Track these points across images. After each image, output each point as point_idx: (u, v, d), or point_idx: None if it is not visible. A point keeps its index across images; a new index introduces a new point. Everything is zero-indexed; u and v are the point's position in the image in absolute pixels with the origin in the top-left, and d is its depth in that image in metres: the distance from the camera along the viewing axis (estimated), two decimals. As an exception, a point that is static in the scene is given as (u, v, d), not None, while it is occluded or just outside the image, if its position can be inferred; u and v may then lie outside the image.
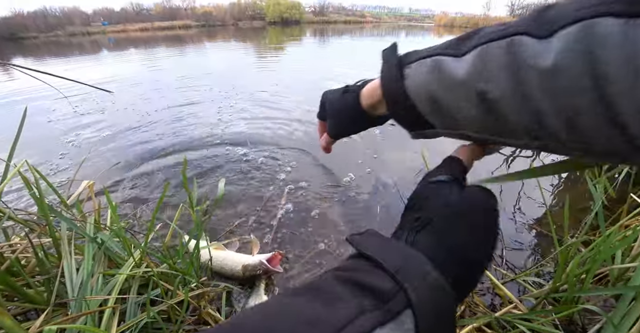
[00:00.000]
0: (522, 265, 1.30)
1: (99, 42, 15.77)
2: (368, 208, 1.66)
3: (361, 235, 0.29)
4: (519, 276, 1.12)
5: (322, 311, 0.19)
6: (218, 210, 1.63)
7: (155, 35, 19.62)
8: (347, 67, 5.95)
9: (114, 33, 25.53)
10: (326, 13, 45.69)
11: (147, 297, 0.79)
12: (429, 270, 0.23)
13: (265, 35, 16.65)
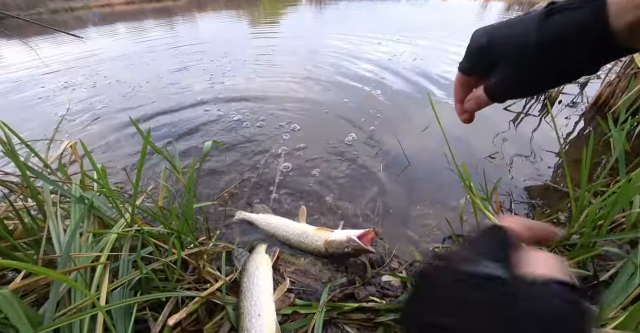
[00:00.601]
0: (532, 217, 1.26)
1: (84, 18, 14.95)
2: (369, 167, 1.59)
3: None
4: (530, 227, 1.06)
5: None
6: (217, 172, 1.58)
7: (142, 8, 18.54)
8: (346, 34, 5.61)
9: (98, 8, 24.16)
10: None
11: (138, 254, 0.74)
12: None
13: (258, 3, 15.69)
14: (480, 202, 1.02)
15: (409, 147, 1.75)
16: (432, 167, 1.58)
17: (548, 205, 1.34)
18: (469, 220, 1.21)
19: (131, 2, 25.80)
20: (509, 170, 1.54)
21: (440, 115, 2.19)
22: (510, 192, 1.37)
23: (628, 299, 0.74)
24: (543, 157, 1.68)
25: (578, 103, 2.41)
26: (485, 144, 1.79)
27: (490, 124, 2.03)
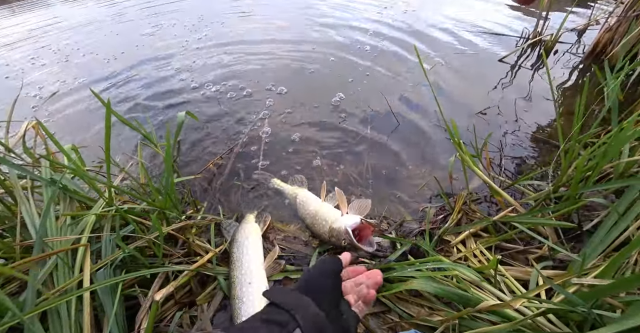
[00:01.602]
0: (520, 171, 1.25)
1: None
2: (358, 128, 1.54)
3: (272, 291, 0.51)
4: (518, 181, 1.06)
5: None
6: (200, 143, 1.52)
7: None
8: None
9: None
10: None
11: (117, 235, 0.72)
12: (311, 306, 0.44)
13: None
14: (470, 159, 1.00)
15: (399, 106, 1.68)
16: (422, 126, 1.53)
17: (538, 159, 1.33)
18: (459, 178, 1.20)
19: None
20: (501, 126, 1.51)
21: (433, 70, 2.09)
22: (500, 147, 1.35)
23: (610, 247, 0.76)
24: (536, 111, 1.64)
25: (575, 52, 2.30)
26: (478, 99, 1.72)
27: (484, 77, 1.94)
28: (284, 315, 0.40)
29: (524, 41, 2.39)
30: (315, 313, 0.42)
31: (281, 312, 0.40)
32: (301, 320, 0.39)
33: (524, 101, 1.70)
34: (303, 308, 0.41)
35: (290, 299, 0.43)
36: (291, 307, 0.40)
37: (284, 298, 0.43)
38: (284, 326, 0.38)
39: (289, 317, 0.39)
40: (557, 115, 1.06)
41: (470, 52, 2.28)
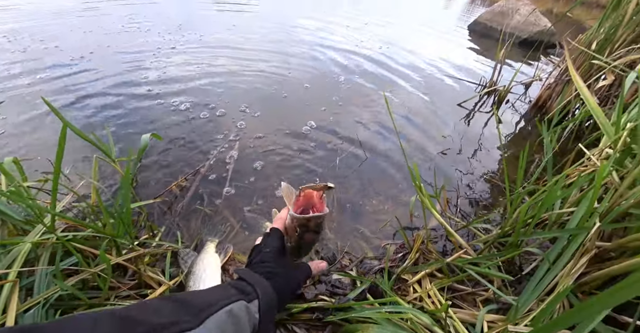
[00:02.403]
0: (474, 213, 1.36)
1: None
2: (327, 159, 1.58)
3: (241, 270, 0.58)
4: (470, 223, 1.15)
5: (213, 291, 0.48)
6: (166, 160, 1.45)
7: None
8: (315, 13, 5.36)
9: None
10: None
11: (57, 267, 0.65)
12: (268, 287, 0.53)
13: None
14: (429, 201, 1.07)
15: (368, 139, 1.77)
16: (388, 160, 1.61)
17: (490, 200, 1.46)
18: (419, 216, 1.27)
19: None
20: (459, 166, 1.64)
21: (400, 107, 2.23)
22: (457, 187, 1.46)
23: (544, 292, 0.85)
24: (490, 154, 1.81)
25: (523, 102, 2.62)
26: (439, 139, 1.87)
27: (445, 118, 2.12)
28: (248, 287, 0.49)
29: (481, 88, 2.69)
30: (270, 292, 0.51)
31: (246, 285, 0.49)
32: (261, 294, 0.48)
33: (479, 144, 1.88)
34: (263, 287, 0.51)
35: (255, 278, 0.52)
36: (254, 282, 0.50)
37: (250, 276, 0.53)
38: (247, 294, 0.47)
39: (252, 289, 0.48)
40: (504, 164, 1.19)
41: (435, 93, 2.49)
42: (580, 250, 0.87)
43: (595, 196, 0.89)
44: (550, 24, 4.71)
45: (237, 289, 0.48)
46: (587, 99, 1.34)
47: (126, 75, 2.28)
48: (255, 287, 0.49)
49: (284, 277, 0.58)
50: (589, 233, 0.87)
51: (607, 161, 1.03)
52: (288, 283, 0.59)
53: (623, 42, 2.09)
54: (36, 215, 0.79)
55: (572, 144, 1.99)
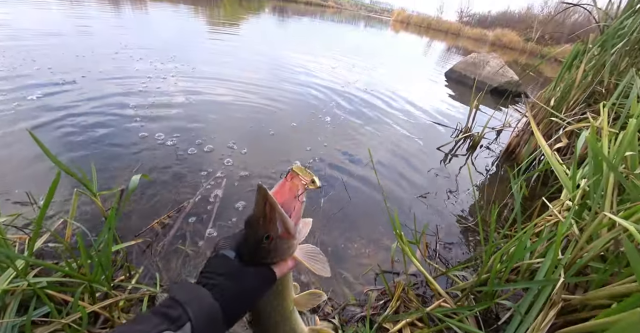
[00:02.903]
0: (453, 258, 1.41)
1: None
2: (311, 200, 1.61)
3: (174, 285, 0.44)
4: (449, 270, 1.20)
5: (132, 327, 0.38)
6: (148, 196, 1.42)
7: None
8: (305, 54, 5.73)
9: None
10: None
11: (28, 319, 0.62)
12: (206, 298, 0.42)
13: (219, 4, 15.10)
14: (409, 249, 1.11)
15: (352, 181, 1.83)
16: (371, 203, 1.67)
17: (468, 245, 1.53)
18: (400, 260, 1.31)
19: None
20: (438, 210, 1.72)
21: (382, 149, 2.35)
22: (437, 232, 1.53)
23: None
24: (467, 197, 1.92)
25: (496, 146, 2.84)
26: (419, 181, 1.98)
27: (425, 162, 2.26)
28: (177, 309, 0.40)
29: (457, 133, 2.91)
30: (210, 304, 0.42)
31: (174, 308, 0.40)
32: (192, 314, 0.40)
33: (457, 188, 2.00)
34: (198, 300, 0.41)
35: (187, 294, 0.42)
36: (185, 300, 0.41)
37: (182, 291, 0.42)
38: (173, 321, 0.39)
39: (181, 311, 0.40)
40: (478, 212, 1.27)
41: (415, 136, 2.67)
42: (549, 303, 0.93)
43: (557, 250, 0.97)
44: (516, 76, 5.29)
45: (162, 316, 0.39)
46: (548, 156, 1.49)
47: (114, 104, 2.29)
48: (185, 306, 0.40)
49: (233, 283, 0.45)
50: (556, 287, 0.93)
51: (567, 215, 1.13)
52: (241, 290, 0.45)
53: (576, 101, 2.38)
54: (8, 259, 0.76)
55: (539, 189, 2.16)
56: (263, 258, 0.47)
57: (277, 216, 0.45)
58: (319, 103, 3.03)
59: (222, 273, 0.46)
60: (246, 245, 0.48)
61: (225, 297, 0.43)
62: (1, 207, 1.24)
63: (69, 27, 4.62)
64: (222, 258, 0.48)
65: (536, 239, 1.34)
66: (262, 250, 0.47)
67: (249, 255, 0.47)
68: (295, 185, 0.50)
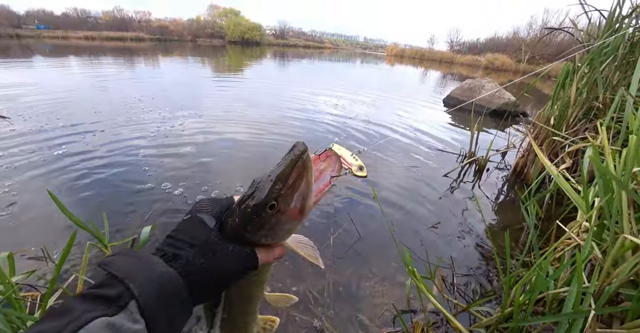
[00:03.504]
0: (471, 291, 1.33)
1: (32, 47, 13.90)
2: (319, 238, 1.59)
3: (113, 256, 0.33)
4: (470, 306, 1.13)
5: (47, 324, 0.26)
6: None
7: (102, 45, 18.16)
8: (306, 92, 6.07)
9: (52, 39, 22.98)
10: (287, 37, 47.15)
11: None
12: (156, 267, 0.31)
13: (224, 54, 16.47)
14: (424, 285, 1.06)
15: (360, 217, 1.81)
16: (381, 239, 1.63)
17: (485, 275, 1.45)
18: (416, 297, 1.24)
19: (91, 38, 25.25)
20: (450, 240, 1.67)
21: (388, 180, 2.35)
22: (452, 264, 1.46)
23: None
24: (479, 224, 1.86)
25: (503, 169, 2.81)
26: (429, 211, 1.94)
27: (433, 190, 2.24)
28: (116, 286, 0.29)
29: (462, 158, 2.91)
30: (161, 273, 0.31)
31: (113, 283, 0.29)
32: (137, 289, 0.29)
33: (467, 215, 1.95)
34: (145, 271, 0.30)
35: (129, 264, 0.31)
36: (126, 274, 0.30)
37: (121, 264, 0.31)
38: (113, 301, 0.28)
39: (121, 289, 0.29)
40: (491, 239, 1.23)
41: (420, 165, 2.68)
42: (583, 339, 0.85)
43: (581, 276, 0.92)
44: (513, 97, 5.41)
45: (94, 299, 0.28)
46: (555, 177, 1.48)
47: (125, 154, 2.44)
48: (126, 281, 0.29)
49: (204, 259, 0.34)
50: (588, 320, 0.86)
51: (587, 237, 1.08)
52: (213, 268, 0.34)
53: (575, 118, 2.40)
54: (19, 320, 0.77)
55: (555, 209, 2.08)
56: (251, 233, 0.36)
57: (302, 184, 0.35)
58: (322, 138, 3.13)
59: (194, 244, 0.35)
60: (237, 210, 0.36)
61: (189, 269, 0.33)
62: (16, 263, 1.27)
63: (89, 85, 5.09)
64: (198, 224, 0.37)
65: (558, 265, 1.27)
66: (257, 221, 0.35)
67: (234, 226, 0.36)
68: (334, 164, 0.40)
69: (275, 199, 0.34)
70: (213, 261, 0.34)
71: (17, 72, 6.41)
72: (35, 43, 17.56)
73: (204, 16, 38.06)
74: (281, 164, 0.35)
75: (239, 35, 36.70)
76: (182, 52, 15.72)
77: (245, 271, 0.37)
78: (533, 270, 1.11)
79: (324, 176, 0.40)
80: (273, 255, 0.39)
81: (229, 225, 0.36)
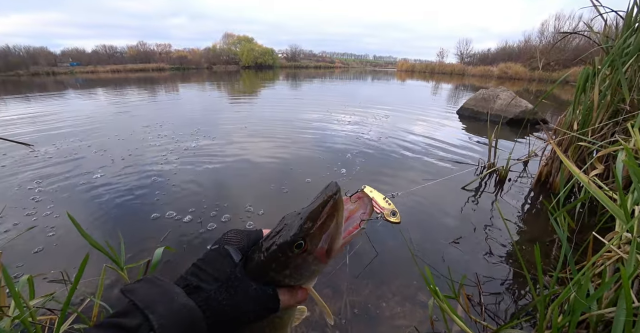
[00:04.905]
0: (501, 310, 1.22)
1: (65, 82, 15.23)
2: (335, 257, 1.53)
3: (137, 282, 0.33)
4: (501, 328, 1.02)
5: None
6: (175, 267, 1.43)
7: (127, 77, 19.56)
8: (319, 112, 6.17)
9: (82, 74, 25.08)
10: (298, 59, 49.04)
11: None
12: (177, 299, 0.31)
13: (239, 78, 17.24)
14: (447, 306, 0.98)
15: (376, 233, 1.74)
16: (399, 256, 1.55)
17: (515, 292, 1.33)
18: (439, 319, 1.15)
19: (117, 71, 27.32)
20: (474, 255, 1.56)
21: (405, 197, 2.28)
22: (477, 282, 1.36)
23: None
24: (504, 238, 1.74)
25: (525, 178, 2.67)
26: (449, 225, 1.85)
27: (452, 203, 2.14)
28: (135, 316, 0.29)
29: (481, 170, 2.80)
30: (181, 305, 0.31)
31: (133, 312, 0.30)
32: (156, 320, 0.29)
33: (490, 229, 1.83)
34: (166, 303, 0.30)
35: (151, 294, 0.31)
36: (148, 304, 0.30)
37: (144, 293, 0.31)
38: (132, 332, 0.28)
39: (141, 320, 0.29)
40: (519, 255, 1.14)
41: (437, 179, 2.60)
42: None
43: (629, 295, 0.82)
44: (530, 105, 5.25)
45: (112, 328, 0.29)
46: (586, 185, 1.37)
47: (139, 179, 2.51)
48: (146, 311, 0.29)
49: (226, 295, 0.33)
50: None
51: (631, 250, 0.98)
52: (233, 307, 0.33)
53: (601, 122, 2.27)
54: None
55: (588, 219, 1.93)
56: (275, 271, 0.35)
57: (332, 225, 0.34)
58: (334, 157, 3.11)
59: (218, 278, 0.34)
60: (263, 247, 0.36)
61: (210, 304, 0.32)
62: (37, 286, 1.29)
63: (113, 114, 5.41)
64: (225, 258, 0.36)
65: (599, 281, 1.15)
66: (282, 260, 0.34)
67: (259, 263, 0.35)
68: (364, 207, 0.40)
69: (303, 238, 0.33)
70: (234, 299, 0.34)
71: (50, 102, 6.96)
72: (69, 78, 19.17)
73: (219, 45, 40.42)
74: (313, 202, 0.34)
75: (253, 60, 38.53)
76: (199, 79, 16.60)
77: (266, 313, 0.36)
78: (570, 287, 1.01)
79: (353, 218, 0.39)
80: (296, 298, 0.38)
81: (254, 262, 0.35)
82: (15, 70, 24.03)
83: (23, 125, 4.52)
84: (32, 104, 6.96)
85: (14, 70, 23.86)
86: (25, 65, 25.28)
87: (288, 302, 0.37)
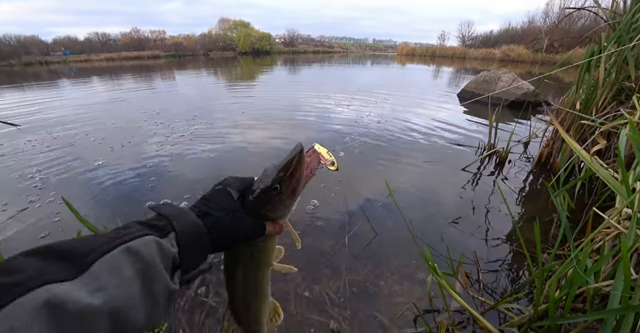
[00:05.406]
0: (499, 287, 1.23)
1: (59, 72, 14.90)
2: (334, 238, 1.54)
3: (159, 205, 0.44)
4: (499, 303, 1.03)
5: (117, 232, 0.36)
6: None
7: (121, 65, 19.13)
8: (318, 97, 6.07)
9: (76, 63, 24.53)
10: (296, 44, 47.78)
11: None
12: (190, 216, 0.42)
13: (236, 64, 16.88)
14: (446, 282, 0.99)
15: (375, 214, 1.75)
16: (398, 236, 1.56)
17: (514, 270, 1.34)
18: (438, 296, 1.16)
19: (111, 59, 26.73)
20: (473, 234, 1.57)
21: (404, 177, 2.27)
22: (476, 259, 1.37)
23: None
24: (503, 217, 1.75)
25: (525, 160, 2.65)
26: (449, 206, 1.85)
27: (452, 185, 2.14)
28: (162, 220, 0.40)
29: (481, 151, 2.77)
30: (193, 220, 0.42)
31: (160, 219, 0.40)
32: (177, 226, 0.40)
33: (489, 209, 1.83)
34: (182, 217, 0.42)
35: (172, 210, 0.42)
36: (170, 214, 0.41)
37: (167, 209, 0.42)
38: (158, 229, 0.39)
39: (166, 223, 0.40)
40: (518, 233, 1.14)
41: (438, 160, 2.58)
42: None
43: (628, 268, 0.82)
44: (532, 86, 5.15)
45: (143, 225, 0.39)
46: (587, 161, 1.35)
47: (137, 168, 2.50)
48: (171, 219, 0.40)
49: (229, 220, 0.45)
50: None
51: (630, 225, 0.97)
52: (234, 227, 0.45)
53: (605, 100, 2.23)
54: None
55: (587, 198, 1.93)
56: (261, 206, 0.48)
57: (296, 174, 0.47)
58: (334, 140, 3.08)
59: (224, 208, 0.46)
60: (252, 190, 0.49)
61: (217, 225, 0.44)
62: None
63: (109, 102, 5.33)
64: (228, 195, 0.48)
65: (597, 257, 1.15)
66: (265, 199, 0.48)
67: (249, 202, 0.48)
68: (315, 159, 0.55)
69: (278, 183, 0.47)
70: (236, 223, 0.46)
71: (44, 92, 6.85)
72: (62, 67, 18.75)
73: (215, 30, 39.33)
74: (284, 158, 0.48)
75: (250, 45, 37.58)
76: (195, 66, 16.25)
77: (255, 236, 0.49)
78: (568, 262, 1.01)
79: (309, 168, 0.53)
80: (275, 228, 0.51)
81: (247, 200, 0.49)
82: (8, 60, 23.53)
83: (22, 115, 4.46)
84: (28, 94, 6.85)
85: (6, 60, 23.37)
86: (17, 55, 24.72)
87: (271, 229, 0.50)
